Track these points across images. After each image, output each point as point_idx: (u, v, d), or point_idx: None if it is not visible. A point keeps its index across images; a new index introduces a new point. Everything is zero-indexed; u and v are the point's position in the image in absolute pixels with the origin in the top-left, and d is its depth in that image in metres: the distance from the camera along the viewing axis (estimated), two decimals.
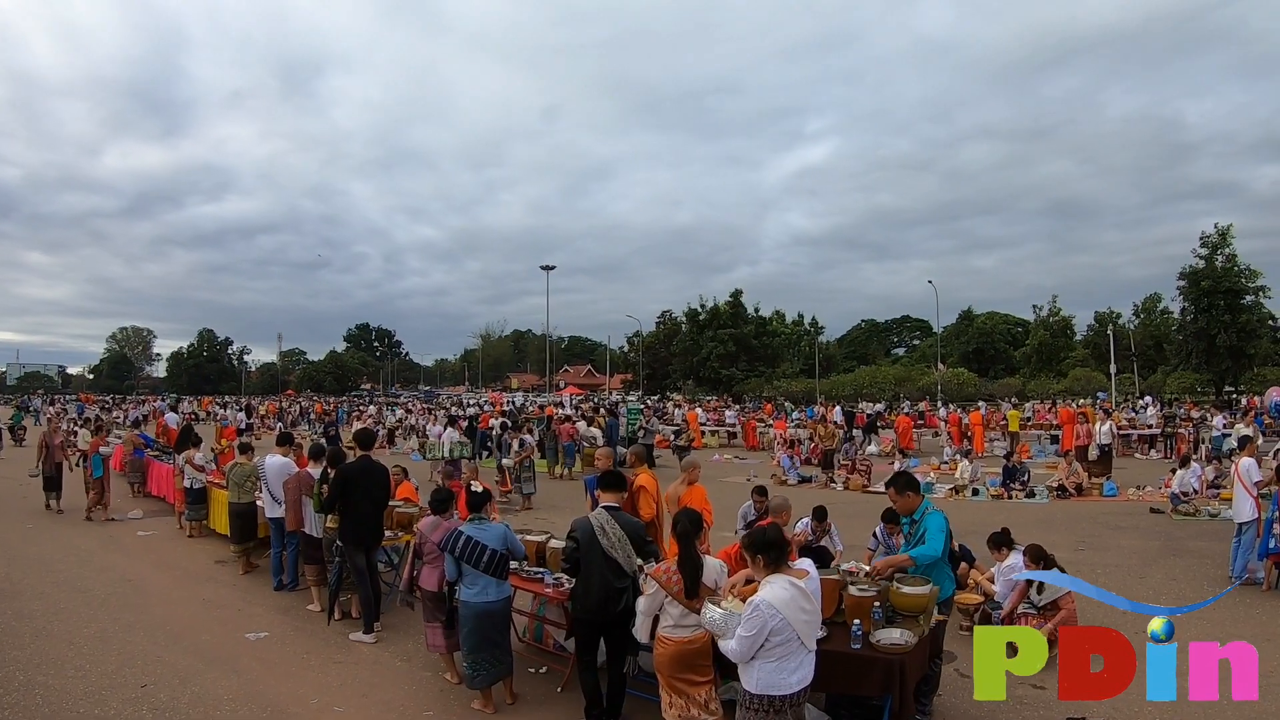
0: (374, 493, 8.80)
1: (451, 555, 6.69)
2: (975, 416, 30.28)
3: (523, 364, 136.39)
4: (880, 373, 74.68)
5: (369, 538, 8.83)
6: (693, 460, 9.49)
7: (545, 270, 68.92)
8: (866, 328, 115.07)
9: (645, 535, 6.65)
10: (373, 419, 42.61)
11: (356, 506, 8.59)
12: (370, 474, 8.87)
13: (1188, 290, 58.21)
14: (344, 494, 8.55)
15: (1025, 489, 19.06)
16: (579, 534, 6.24)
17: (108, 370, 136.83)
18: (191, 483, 14.50)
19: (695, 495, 8.51)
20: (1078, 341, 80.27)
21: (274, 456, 10.88)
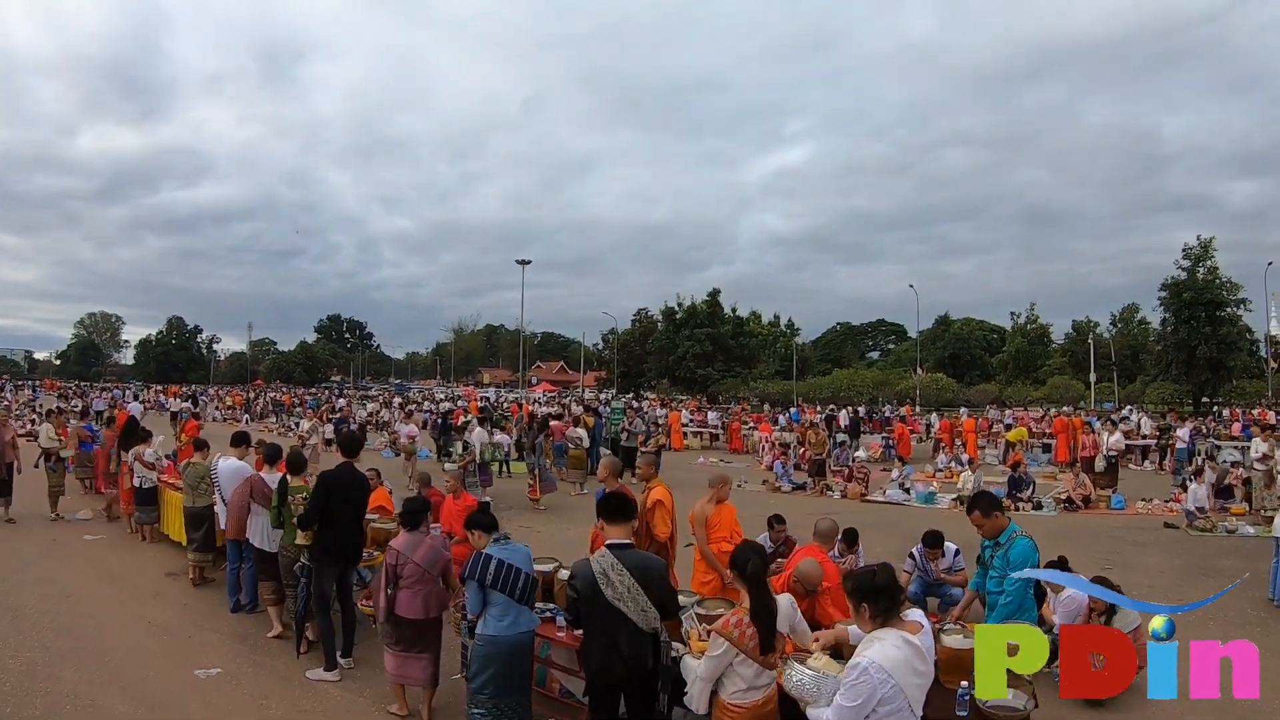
0: (355, 505, 7.88)
1: (478, 583, 5.58)
2: (969, 424, 29.41)
3: (495, 359, 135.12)
4: (858, 376, 74.21)
5: (348, 555, 7.86)
6: (721, 475, 8.25)
7: (521, 265, 68.13)
8: (842, 330, 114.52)
9: (667, 581, 5.33)
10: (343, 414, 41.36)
11: (337, 519, 7.59)
12: (353, 484, 7.91)
13: (1169, 301, 57.96)
14: (326, 503, 7.52)
15: (1032, 501, 18.16)
16: (579, 581, 5.02)
17: (75, 356, 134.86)
18: (141, 481, 13.12)
19: (725, 517, 7.45)
20: (1054, 350, 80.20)
21: (228, 459, 9.76)
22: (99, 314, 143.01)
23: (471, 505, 9.61)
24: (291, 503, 7.92)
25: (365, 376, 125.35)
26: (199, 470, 10.70)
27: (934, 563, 9.40)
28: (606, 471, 8.20)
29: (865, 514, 16.84)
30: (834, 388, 69.41)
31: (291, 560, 8.01)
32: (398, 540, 6.62)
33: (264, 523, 8.53)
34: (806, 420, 31.49)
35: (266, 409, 52.21)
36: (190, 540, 10.75)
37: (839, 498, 19.47)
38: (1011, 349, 79.09)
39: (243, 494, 8.88)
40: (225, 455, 9.89)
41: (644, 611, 4.83)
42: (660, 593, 4.98)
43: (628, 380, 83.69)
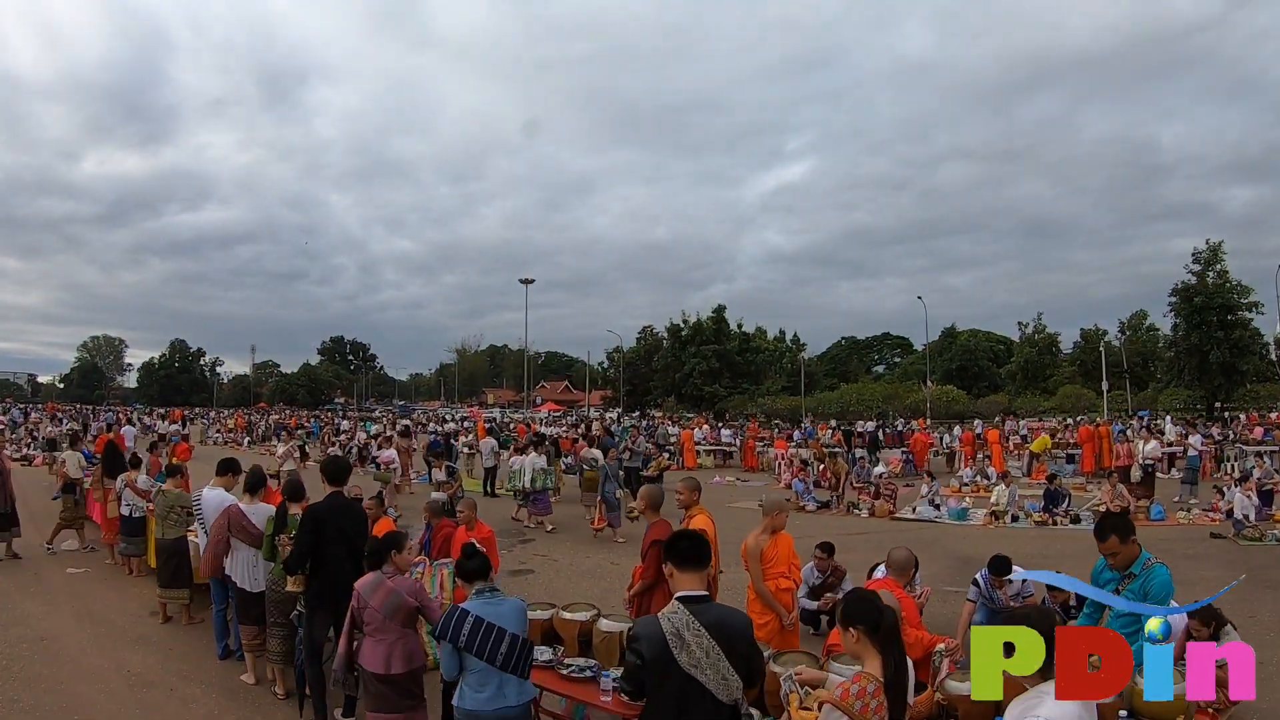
0: (350, 539, 6.79)
1: (452, 645, 4.63)
2: (992, 434, 28.55)
3: (499, 379, 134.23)
4: (866, 390, 73.16)
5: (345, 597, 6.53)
6: (777, 501, 7.13)
7: (524, 284, 67.63)
8: (847, 345, 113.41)
9: (753, 641, 4.16)
10: (346, 436, 40.44)
11: (331, 558, 6.62)
12: (346, 515, 6.92)
13: (1179, 306, 57.42)
14: (315, 541, 6.60)
15: (1068, 514, 17.29)
16: (644, 645, 3.75)
17: (78, 379, 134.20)
18: (131, 510, 12.19)
19: (783, 549, 6.54)
20: (1063, 359, 79.46)
21: (214, 489, 8.72)
22: (102, 337, 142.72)
23: (489, 536, 8.85)
24: (278, 542, 7.08)
25: (369, 398, 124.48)
26: (169, 499, 10.07)
27: (1001, 590, 8.50)
28: (645, 503, 7.11)
29: (898, 533, 15.97)
30: (843, 402, 68.37)
31: (282, 598, 7.07)
32: (361, 580, 5.77)
33: (245, 558, 7.71)
34: (821, 438, 30.73)
35: (269, 431, 50.74)
36: (161, 575, 9.97)
37: (867, 516, 18.51)
38: (1020, 359, 78.31)
39: (219, 528, 7.97)
40: (211, 485, 8.86)
41: (725, 680, 3.72)
42: (746, 656, 3.89)
43: (634, 398, 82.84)
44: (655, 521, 6.75)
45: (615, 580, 12.04)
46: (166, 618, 9.79)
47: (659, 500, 7.03)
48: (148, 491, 12.12)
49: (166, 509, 9.92)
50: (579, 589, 11.47)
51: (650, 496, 7.01)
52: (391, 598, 5.55)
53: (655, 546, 6.39)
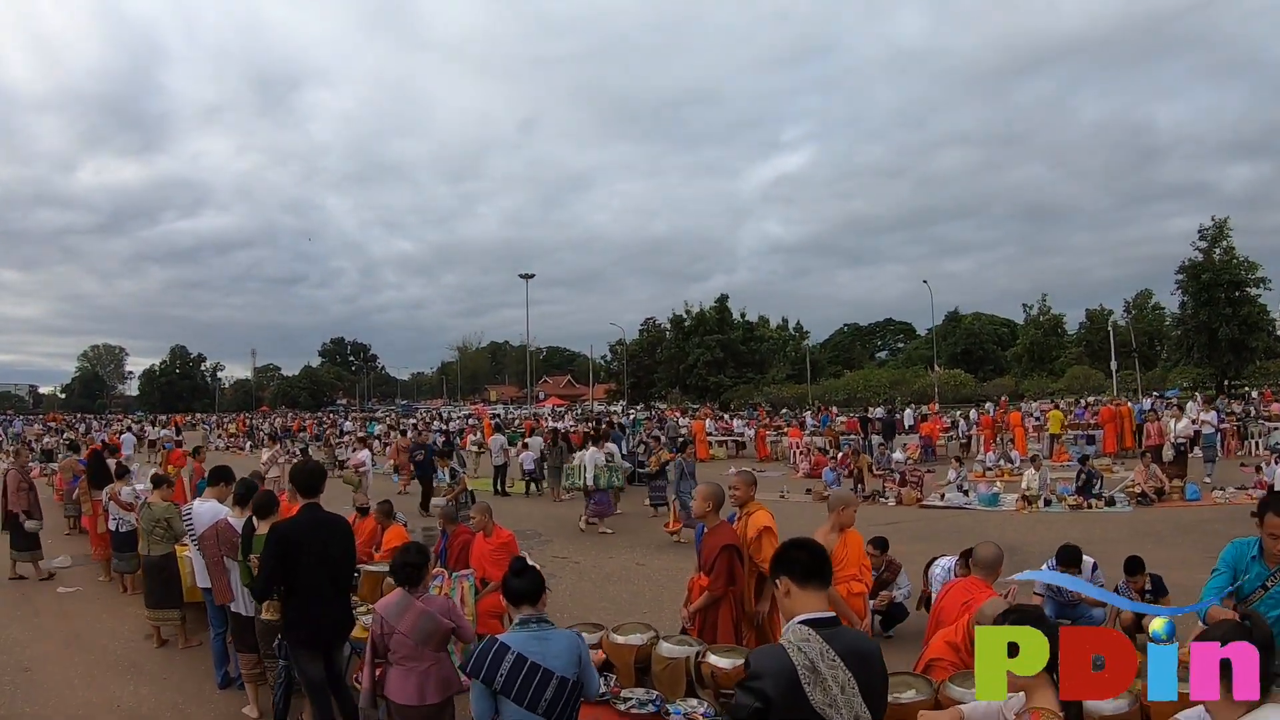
0: (333, 562, 5.80)
1: (487, 685, 3.77)
2: (1015, 417, 27.84)
3: (501, 376, 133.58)
4: (873, 376, 72.66)
5: (329, 632, 5.84)
6: (844, 496, 6.45)
7: (525, 279, 67.21)
8: (849, 332, 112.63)
9: (885, 671, 3.19)
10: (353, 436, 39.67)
11: (306, 585, 5.64)
12: (325, 531, 5.81)
13: (1187, 284, 57.02)
14: (285, 567, 5.60)
15: (1102, 497, 16.62)
16: (769, 683, 2.81)
17: (79, 389, 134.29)
18: (118, 524, 11.44)
19: (853, 549, 5.83)
20: (1069, 340, 78.78)
21: (206, 501, 7.93)
22: (102, 346, 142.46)
23: (508, 541, 8.32)
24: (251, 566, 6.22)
25: (371, 398, 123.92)
26: (155, 512, 9.31)
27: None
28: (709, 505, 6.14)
29: (930, 522, 15.35)
30: (849, 389, 67.86)
31: (267, 627, 6.24)
32: (383, 601, 5.11)
33: (237, 578, 6.94)
34: (838, 424, 30.06)
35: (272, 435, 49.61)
36: (148, 596, 9.17)
37: (894, 504, 17.85)
38: (1025, 341, 77.67)
39: (214, 547, 7.27)
40: (204, 498, 8.13)
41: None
42: (882, 689, 3.12)
43: (638, 391, 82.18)
44: (716, 525, 6.02)
45: (643, 584, 11.52)
46: (161, 641, 9.04)
47: (720, 499, 6.22)
48: (133, 504, 11.36)
49: (152, 523, 9.21)
50: (606, 595, 10.96)
51: (712, 496, 6.15)
52: (424, 621, 4.88)
53: (726, 553, 5.77)
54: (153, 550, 9.12)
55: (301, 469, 6.35)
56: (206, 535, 7.38)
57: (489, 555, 8.12)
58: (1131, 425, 26.84)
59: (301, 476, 6.16)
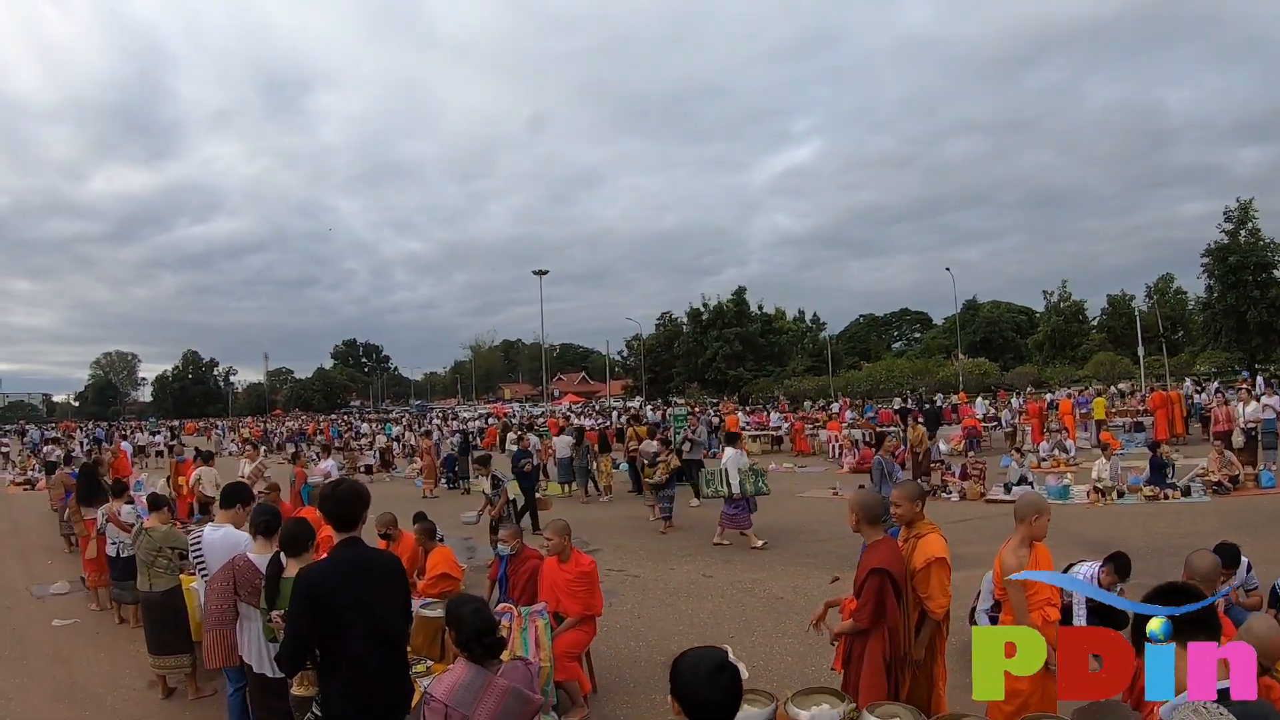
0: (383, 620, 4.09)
1: None
2: (1065, 405, 27.08)
3: (514, 374, 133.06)
4: (895, 366, 71.85)
5: (381, 711, 4.11)
6: (1035, 502, 5.29)
7: (538, 275, 66.54)
8: (865, 322, 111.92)
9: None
10: (367, 440, 38.80)
11: (349, 653, 3.96)
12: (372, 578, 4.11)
13: (1213, 266, 56.36)
14: (319, 628, 3.94)
15: (1178, 486, 15.94)
16: None
17: (93, 397, 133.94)
18: (118, 549, 10.13)
19: (1045, 566, 4.98)
20: (1090, 326, 77.97)
21: (219, 528, 6.39)
22: (115, 353, 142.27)
23: (590, 571, 7.05)
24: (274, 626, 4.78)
25: (385, 399, 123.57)
26: (155, 539, 7.84)
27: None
28: (860, 514, 5.12)
29: (1003, 518, 14.51)
30: (871, 380, 67.13)
31: (305, 702, 4.48)
32: (445, 683, 3.82)
33: (258, 631, 5.35)
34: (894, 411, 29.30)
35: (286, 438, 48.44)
36: (151, 640, 7.72)
37: (957, 499, 17.09)
38: (1047, 328, 76.84)
39: (222, 589, 5.56)
40: (215, 522, 6.58)
41: None
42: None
43: (655, 386, 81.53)
44: (874, 540, 5.07)
45: (719, 600, 10.37)
46: (168, 690, 7.68)
47: (877, 512, 5.18)
48: (132, 525, 9.91)
49: (152, 552, 7.77)
50: (680, 614, 9.79)
51: (868, 506, 5.15)
52: (509, 702, 3.77)
53: (876, 578, 4.81)
54: (155, 584, 7.73)
55: (334, 493, 4.32)
56: (218, 577, 5.65)
57: (565, 585, 6.91)
58: (1182, 411, 26.16)
59: (334, 503, 4.23)
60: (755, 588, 10.76)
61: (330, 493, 4.32)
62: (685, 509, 16.96)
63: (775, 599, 10.11)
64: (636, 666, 7.90)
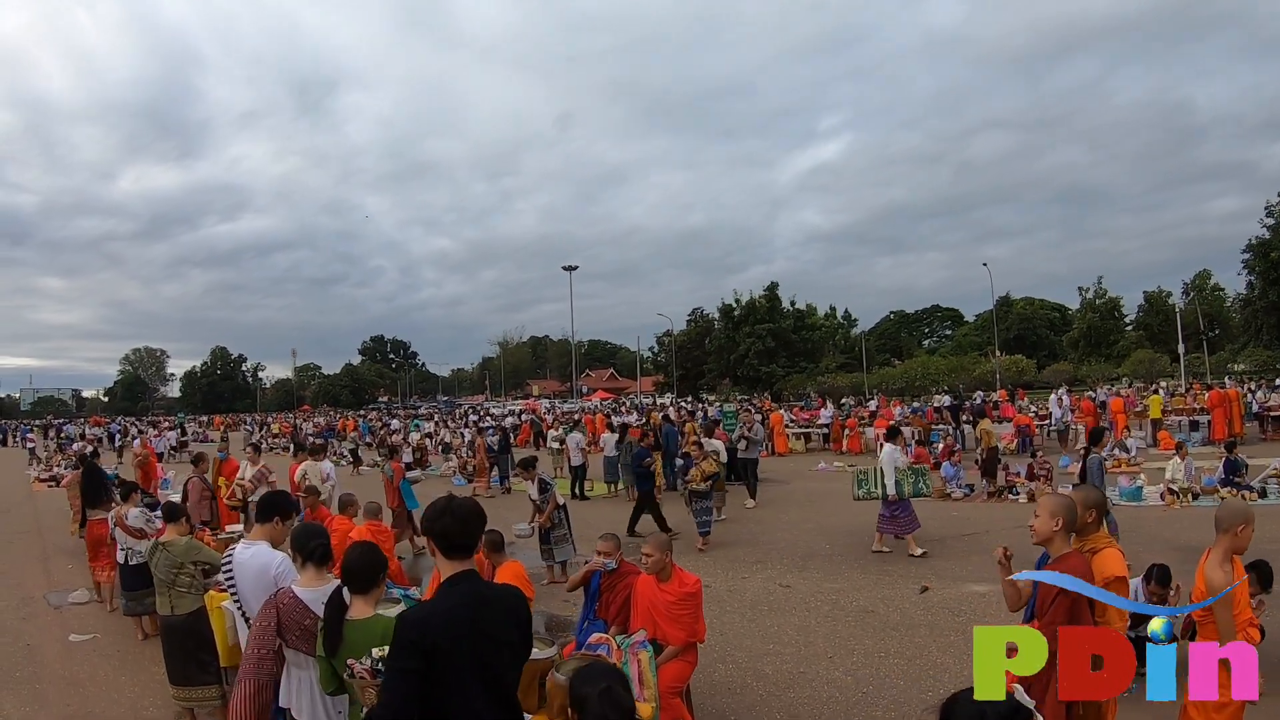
0: (502, 673, 3.12)
1: None
2: (1117, 403, 26.55)
3: (542, 370, 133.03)
4: (931, 363, 71.25)
5: None
6: (1240, 510, 4.64)
7: (568, 270, 66.51)
8: (896, 319, 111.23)
9: None
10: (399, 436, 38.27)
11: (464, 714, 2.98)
12: (493, 624, 3.09)
13: (1254, 263, 55.31)
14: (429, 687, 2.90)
15: (1254, 488, 15.48)
16: None
17: (122, 392, 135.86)
18: (128, 555, 9.11)
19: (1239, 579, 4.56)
20: (1126, 323, 77.07)
21: (253, 545, 5.13)
22: (144, 349, 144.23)
23: (694, 591, 6.08)
24: (354, 680, 3.73)
25: (412, 395, 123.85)
26: (175, 554, 6.77)
27: None
28: (1057, 522, 4.38)
29: None
30: (907, 377, 66.68)
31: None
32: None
33: (309, 682, 4.34)
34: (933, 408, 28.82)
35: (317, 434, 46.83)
36: (173, 670, 6.72)
37: (1025, 500, 16.44)
38: (1082, 325, 75.95)
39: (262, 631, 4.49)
40: (249, 540, 5.26)
41: None
42: None
43: (686, 383, 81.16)
44: (1063, 554, 4.38)
45: (805, 614, 9.41)
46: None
47: (1073, 517, 4.45)
48: (144, 531, 9.11)
49: (172, 570, 6.73)
50: (765, 630, 8.86)
51: (1064, 510, 4.42)
52: None
53: (1066, 600, 4.04)
54: (177, 607, 6.68)
55: (451, 508, 3.21)
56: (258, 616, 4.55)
57: (666, 608, 5.94)
58: (1240, 410, 25.61)
59: (451, 522, 3.18)
60: (840, 599, 10.08)
61: (446, 508, 3.20)
62: (742, 511, 16.54)
63: (865, 612, 9.45)
64: (734, 695, 7.04)
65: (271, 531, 5.13)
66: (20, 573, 12.94)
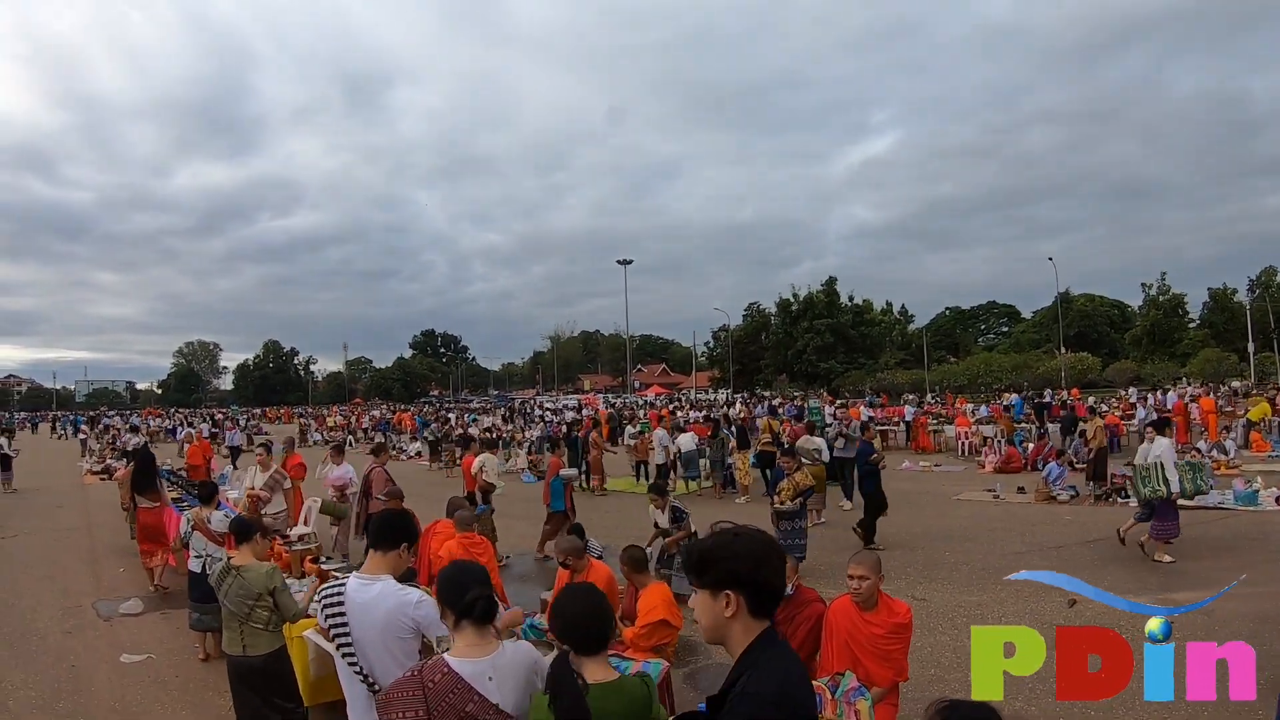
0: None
1: None
2: (1207, 403, 25.95)
3: (593, 365, 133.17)
4: (995, 360, 70.19)
5: None
6: None
7: (623, 264, 66.42)
8: (952, 315, 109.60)
9: None
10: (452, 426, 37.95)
11: None
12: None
13: None
14: None
15: None
16: None
17: (175, 384, 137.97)
18: (204, 563, 8.00)
19: None
20: (1189, 320, 75.43)
21: (372, 580, 3.80)
22: (197, 342, 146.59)
23: (905, 621, 5.21)
24: None
25: (463, 389, 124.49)
26: (249, 583, 5.32)
27: None
28: None
29: (1202, 526, 13.58)
30: (970, 374, 65.81)
31: None
32: None
33: None
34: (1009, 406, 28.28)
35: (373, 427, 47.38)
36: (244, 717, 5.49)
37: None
38: (1145, 323, 74.44)
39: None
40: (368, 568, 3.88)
41: None
42: None
43: (743, 378, 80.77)
44: None
45: (948, 631, 8.53)
46: None
47: None
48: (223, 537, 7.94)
49: (247, 602, 5.29)
50: (920, 653, 7.60)
51: None
52: None
53: None
54: (250, 646, 5.32)
55: (765, 553, 2.28)
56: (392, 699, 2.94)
57: (871, 643, 5.07)
58: None
59: (774, 567, 2.28)
60: (985, 614, 9.20)
61: (764, 552, 2.27)
62: (840, 514, 15.97)
63: None
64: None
65: (397, 562, 3.90)
66: (67, 575, 12.19)
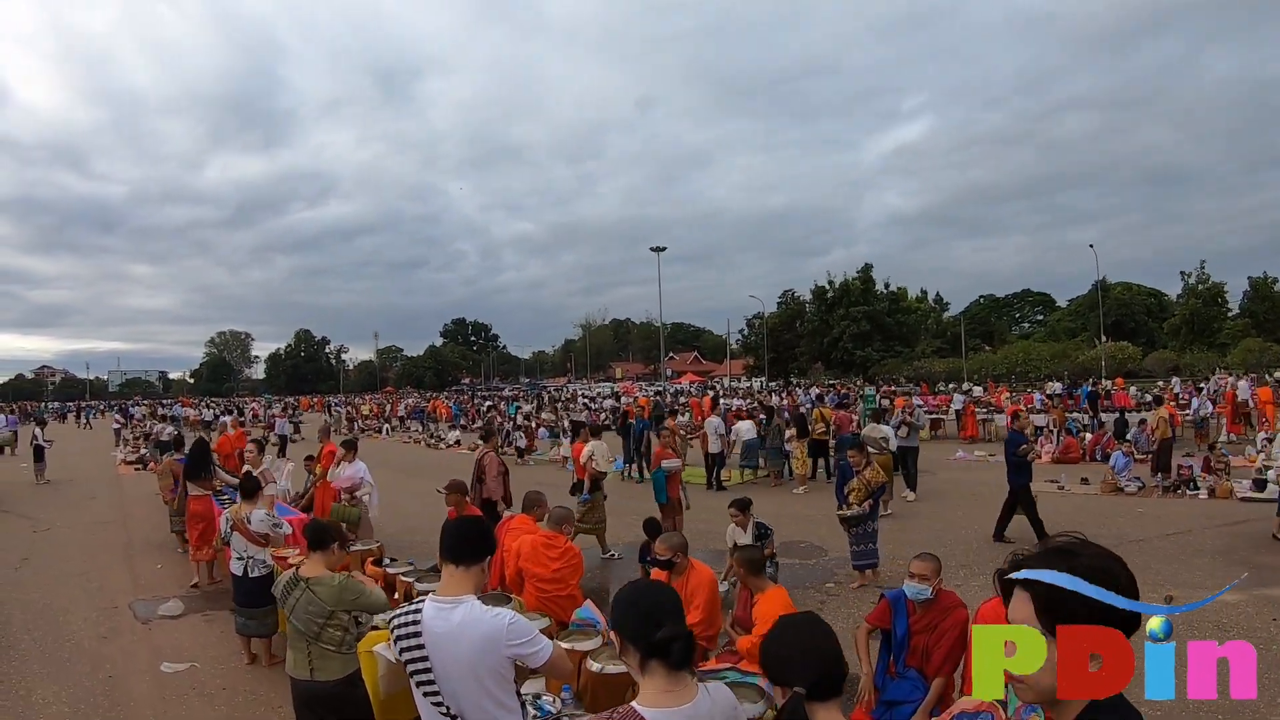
0: None
1: None
2: (1264, 393, 25.54)
3: (625, 352, 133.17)
4: (1033, 349, 69.58)
5: None
6: None
7: (656, 251, 66.04)
8: (986, 303, 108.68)
9: None
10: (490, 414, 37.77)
11: None
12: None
13: None
14: None
15: None
16: None
17: (207, 374, 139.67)
18: (248, 566, 7.48)
19: None
20: (1228, 310, 74.22)
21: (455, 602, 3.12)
22: (229, 332, 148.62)
23: None
24: None
25: (494, 376, 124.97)
26: (322, 598, 4.70)
27: None
28: None
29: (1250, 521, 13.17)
30: (1008, 363, 65.30)
31: None
32: None
33: None
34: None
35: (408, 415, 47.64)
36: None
37: (1205, 498, 15.50)
38: (1184, 312, 73.40)
39: None
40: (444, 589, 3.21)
41: None
42: None
43: (777, 366, 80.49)
44: None
45: None
46: None
47: None
48: (267, 536, 7.67)
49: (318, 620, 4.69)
50: None
51: None
52: None
53: None
54: (319, 672, 4.69)
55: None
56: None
57: None
58: None
59: None
60: None
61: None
62: (904, 506, 15.59)
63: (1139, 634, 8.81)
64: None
65: (480, 579, 3.26)
66: (103, 573, 11.64)
